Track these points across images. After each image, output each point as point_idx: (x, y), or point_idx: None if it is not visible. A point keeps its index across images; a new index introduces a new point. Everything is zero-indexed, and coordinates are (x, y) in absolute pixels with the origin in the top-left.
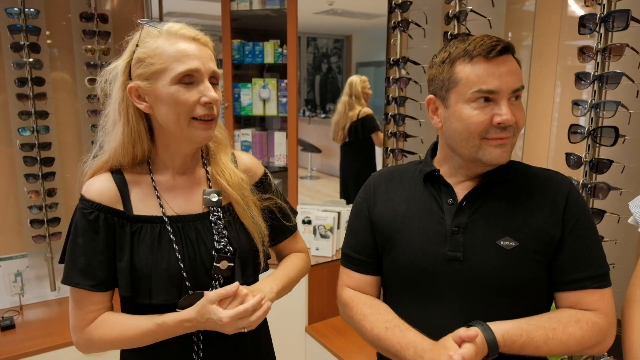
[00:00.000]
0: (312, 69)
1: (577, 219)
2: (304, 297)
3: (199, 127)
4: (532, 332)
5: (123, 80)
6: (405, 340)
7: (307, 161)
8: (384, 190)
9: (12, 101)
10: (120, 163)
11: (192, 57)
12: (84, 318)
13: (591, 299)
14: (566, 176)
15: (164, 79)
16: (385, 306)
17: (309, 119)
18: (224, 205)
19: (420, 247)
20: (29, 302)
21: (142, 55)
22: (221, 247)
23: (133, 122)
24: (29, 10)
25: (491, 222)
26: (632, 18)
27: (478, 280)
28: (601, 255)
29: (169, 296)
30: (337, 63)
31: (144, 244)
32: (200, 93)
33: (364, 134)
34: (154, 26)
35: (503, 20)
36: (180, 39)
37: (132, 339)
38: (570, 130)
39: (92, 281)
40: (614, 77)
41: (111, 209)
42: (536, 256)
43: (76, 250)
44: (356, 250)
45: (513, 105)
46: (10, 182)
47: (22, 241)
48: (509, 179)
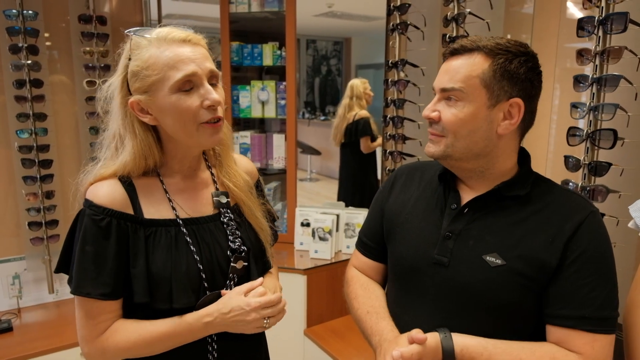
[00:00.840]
0: (311, 71)
1: (582, 251)
2: (302, 300)
3: (207, 132)
4: (495, 354)
5: (122, 95)
6: (376, 328)
7: (307, 163)
8: (403, 182)
9: (10, 103)
10: (130, 172)
11: (187, 61)
12: (96, 328)
13: (578, 341)
14: (591, 204)
15: (162, 90)
16: (379, 292)
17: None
18: (232, 206)
19: (413, 246)
20: (27, 305)
21: (136, 68)
22: (236, 247)
23: (140, 135)
24: (28, 12)
25: (485, 235)
26: (631, 21)
27: (459, 290)
28: (607, 298)
29: (190, 299)
30: (337, 65)
31: (159, 247)
32: (202, 97)
33: (356, 137)
34: (142, 35)
35: (502, 22)
36: (171, 44)
37: (149, 344)
38: (569, 132)
39: (104, 290)
40: (612, 79)
41: (123, 214)
42: (522, 280)
43: (86, 259)
44: (366, 235)
45: (444, 103)
46: (8, 184)
47: (20, 243)
48: (521, 194)
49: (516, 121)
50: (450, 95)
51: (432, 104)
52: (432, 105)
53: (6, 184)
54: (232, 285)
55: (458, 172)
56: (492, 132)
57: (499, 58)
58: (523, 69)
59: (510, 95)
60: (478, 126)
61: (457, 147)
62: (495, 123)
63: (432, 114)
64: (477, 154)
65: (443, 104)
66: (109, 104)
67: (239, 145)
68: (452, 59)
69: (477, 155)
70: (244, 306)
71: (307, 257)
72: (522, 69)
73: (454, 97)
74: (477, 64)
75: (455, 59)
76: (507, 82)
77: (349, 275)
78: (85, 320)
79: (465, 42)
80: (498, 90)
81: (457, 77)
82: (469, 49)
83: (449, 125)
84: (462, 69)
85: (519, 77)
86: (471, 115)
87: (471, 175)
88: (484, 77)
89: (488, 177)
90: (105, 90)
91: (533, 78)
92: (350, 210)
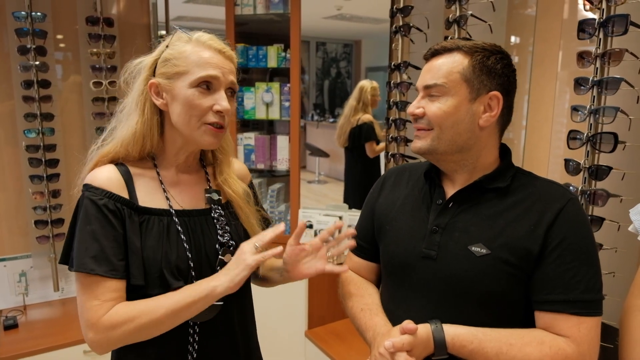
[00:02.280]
0: (321, 73)
1: (562, 238)
2: (303, 302)
3: (208, 132)
4: (485, 341)
5: (147, 75)
6: (370, 323)
7: (315, 165)
8: (392, 183)
9: (18, 103)
10: (126, 155)
11: (214, 65)
12: (101, 308)
13: (565, 324)
14: (570, 192)
15: (183, 81)
16: (372, 290)
17: (317, 123)
18: (223, 204)
19: (403, 242)
20: (33, 302)
21: (169, 55)
22: (225, 240)
23: (147, 115)
24: (36, 14)
25: (469, 227)
26: (632, 23)
27: (447, 282)
28: (590, 281)
29: (177, 287)
30: (346, 68)
31: (151, 235)
32: (215, 101)
33: (359, 141)
34: (187, 33)
35: (504, 24)
36: (207, 49)
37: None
38: (570, 136)
39: (107, 266)
40: (613, 82)
41: (120, 197)
42: (508, 268)
43: (87, 237)
44: (358, 236)
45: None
46: (15, 183)
47: (26, 242)
48: (502, 186)
49: (496, 113)
50: (433, 92)
51: (416, 102)
52: (416, 103)
53: (13, 183)
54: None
55: (444, 165)
56: (475, 125)
57: (477, 55)
58: (500, 65)
59: (489, 88)
60: (461, 118)
61: (443, 140)
62: (477, 116)
63: (417, 110)
64: (461, 146)
65: (426, 101)
66: (132, 78)
67: (242, 147)
68: (434, 59)
69: (461, 147)
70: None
71: None
72: (498, 65)
73: (436, 93)
74: (458, 61)
75: (437, 59)
76: (486, 77)
77: (343, 276)
78: (89, 302)
79: (445, 43)
80: (478, 85)
81: (439, 74)
82: (449, 49)
83: (434, 118)
84: (443, 66)
85: (496, 72)
86: (454, 107)
87: (456, 169)
88: (464, 73)
89: (472, 170)
90: (134, 65)
91: (509, 74)
92: (353, 212)
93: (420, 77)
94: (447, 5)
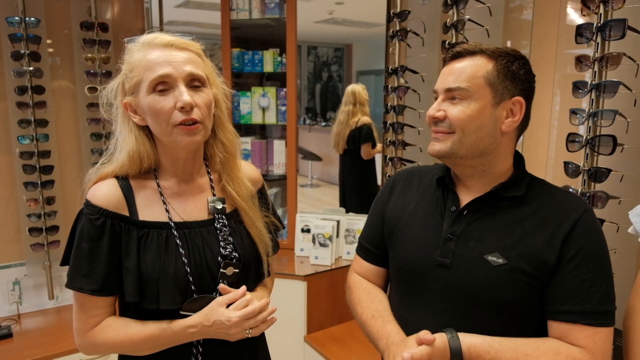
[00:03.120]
0: (312, 77)
1: (579, 249)
2: (302, 306)
3: (181, 133)
4: (501, 352)
5: (120, 97)
6: (383, 331)
7: (308, 169)
8: (401, 187)
9: (12, 109)
10: (126, 174)
11: (162, 63)
12: (88, 322)
13: (580, 335)
14: (585, 202)
15: (142, 91)
16: (382, 297)
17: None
18: (228, 213)
19: (416, 249)
20: (27, 311)
21: (126, 71)
22: (227, 253)
23: (135, 134)
24: (30, 19)
25: (485, 236)
26: (629, 27)
27: (462, 290)
28: (604, 292)
29: (175, 301)
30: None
31: (150, 249)
32: (175, 99)
33: (359, 143)
34: (135, 41)
35: (501, 29)
36: (155, 48)
37: (135, 344)
38: (569, 138)
39: (95, 286)
40: (611, 85)
41: (117, 214)
42: (525, 277)
43: (81, 255)
44: (367, 240)
45: (448, 103)
46: (9, 190)
47: (20, 249)
48: (518, 195)
49: (518, 118)
50: (455, 95)
51: (437, 104)
52: (436, 105)
53: (7, 190)
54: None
55: (460, 170)
56: (497, 130)
57: (502, 59)
58: (523, 70)
59: (513, 93)
60: (484, 123)
61: (465, 144)
62: (500, 121)
63: (438, 113)
64: (482, 151)
65: (447, 104)
66: (111, 107)
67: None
68: (455, 62)
69: (481, 152)
70: (224, 321)
71: (308, 263)
72: (522, 70)
73: (458, 97)
74: (481, 64)
75: (458, 62)
76: (510, 82)
77: (351, 281)
78: (79, 314)
79: (467, 46)
80: (502, 89)
81: (462, 77)
82: (471, 52)
83: (456, 122)
84: (466, 69)
85: (520, 77)
86: (477, 112)
87: (472, 174)
88: (488, 77)
89: (487, 177)
90: (106, 94)
91: (530, 80)
92: (350, 217)
93: (440, 79)
94: (445, 9)
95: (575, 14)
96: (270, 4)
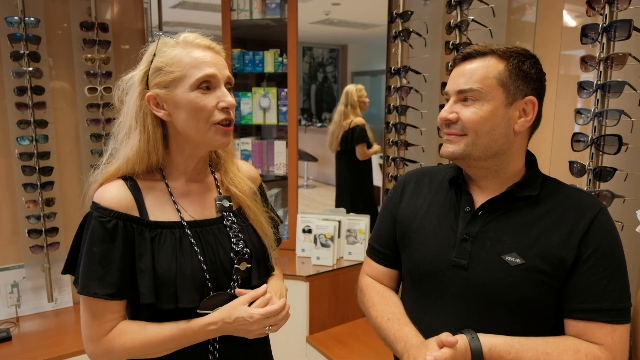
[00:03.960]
0: (308, 78)
1: (596, 247)
2: (305, 307)
3: (219, 132)
4: (522, 351)
5: (141, 89)
6: (400, 334)
7: (304, 170)
8: (412, 189)
9: (11, 110)
10: (133, 171)
11: (209, 64)
12: (101, 328)
13: (598, 332)
14: (599, 201)
15: (183, 86)
16: (396, 299)
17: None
18: (234, 210)
19: (431, 250)
20: (26, 314)
21: (160, 64)
22: (239, 249)
23: (150, 130)
24: (29, 19)
25: (502, 236)
26: (635, 28)
27: (479, 290)
28: (621, 290)
29: (194, 299)
30: (333, 72)
31: (164, 249)
32: (218, 98)
33: (352, 144)
34: (170, 37)
35: (504, 29)
36: (196, 48)
37: (153, 346)
38: (574, 138)
39: (110, 290)
40: (616, 85)
41: (130, 216)
42: (542, 277)
43: (92, 260)
44: (378, 242)
45: (460, 104)
46: (8, 191)
47: (19, 251)
48: (533, 194)
49: (531, 118)
50: (468, 96)
51: (449, 106)
52: (448, 107)
53: (6, 191)
54: (236, 287)
55: (474, 171)
56: (510, 130)
57: (513, 59)
58: (534, 70)
59: (525, 93)
60: (497, 124)
61: (478, 145)
62: (513, 121)
63: (450, 115)
64: (495, 151)
65: (459, 106)
66: (125, 95)
67: (239, 152)
68: (465, 63)
69: (495, 153)
70: (247, 317)
71: (309, 264)
72: (533, 70)
73: (471, 98)
74: (492, 65)
75: (469, 63)
76: (522, 82)
77: (363, 283)
78: (91, 321)
79: (477, 47)
80: (514, 90)
81: (474, 78)
82: (482, 53)
83: (469, 124)
84: (478, 70)
85: (531, 76)
86: (490, 113)
87: (486, 175)
88: (500, 77)
89: (501, 177)
90: (125, 82)
91: (542, 79)
92: (351, 217)
93: (451, 81)
94: (448, 10)
95: (577, 16)
96: (271, 4)
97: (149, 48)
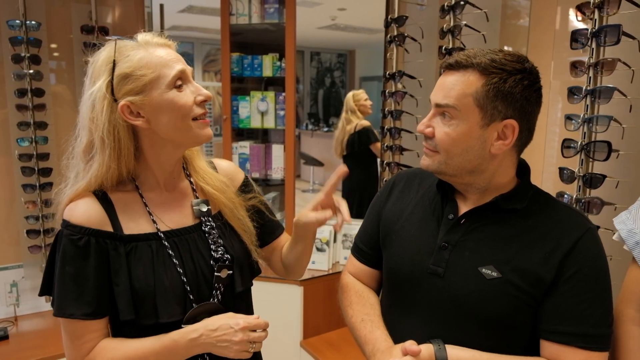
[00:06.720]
0: (315, 83)
1: (579, 268)
2: (298, 311)
3: (201, 126)
4: None
5: (107, 102)
6: (370, 337)
7: (310, 174)
8: (401, 189)
9: (11, 112)
10: (102, 185)
11: (174, 60)
12: (82, 348)
13: (572, 358)
14: (589, 221)
15: (158, 88)
16: (374, 300)
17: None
18: (213, 214)
19: (408, 254)
20: (24, 313)
21: (127, 69)
22: (219, 255)
23: (124, 144)
24: (31, 22)
25: (481, 247)
26: (624, 33)
27: (452, 300)
28: (601, 315)
29: (175, 313)
30: (341, 77)
31: (141, 262)
32: (194, 93)
33: (359, 147)
34: (125, 39)
35: (497, 35)
36: (156, 47)
37: None
38: (564, 144)
39: (87, 309)
40: (606, 91)
41: (101, 231)
42: (518, 293)
43: (66, 280)
44: (362, 241)
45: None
46: (7, 192)
47: (18, 251)
48: (518, 207)
49: (510, 142)
50: (445, 112)
51: (427, 119)
52: (427, 120)
53: (5, 192)
54: (219, 295)
55: (454, 185)
56: (485, 151)
57: (493, 77)
58: (518, 88)
59: (504, 115)
60: (471, 145)
61: (450, 165)
62: (489, 143)
63: (427, 129)
64: (470, 170)
65: (438, 120)
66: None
67: (237, 156)
68: (448, 73)
69: (470, 171)
70: (232, 324)
71: None
72: (517, 88)
73: (448, 114)
74: (471, 82)
75: (451, 74)
76: (501, 103)
77: (344, 281)
78: (71, 341)
79: (460, 57)
80: (492, 110)
81: (451, 93)
82: (463, 65)
83: (441, 144)
84: (456, 86)
85: (513, 96)
86: (464, 134)
87: (467, 189)
88: (477, 97)
89: (485, 190)
90: (86, 101)
91: (529, 96)
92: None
93: (434, 91)
94: (442, 15)
95: (571, 21)
96: (269, 9)
97: (97, 57)
